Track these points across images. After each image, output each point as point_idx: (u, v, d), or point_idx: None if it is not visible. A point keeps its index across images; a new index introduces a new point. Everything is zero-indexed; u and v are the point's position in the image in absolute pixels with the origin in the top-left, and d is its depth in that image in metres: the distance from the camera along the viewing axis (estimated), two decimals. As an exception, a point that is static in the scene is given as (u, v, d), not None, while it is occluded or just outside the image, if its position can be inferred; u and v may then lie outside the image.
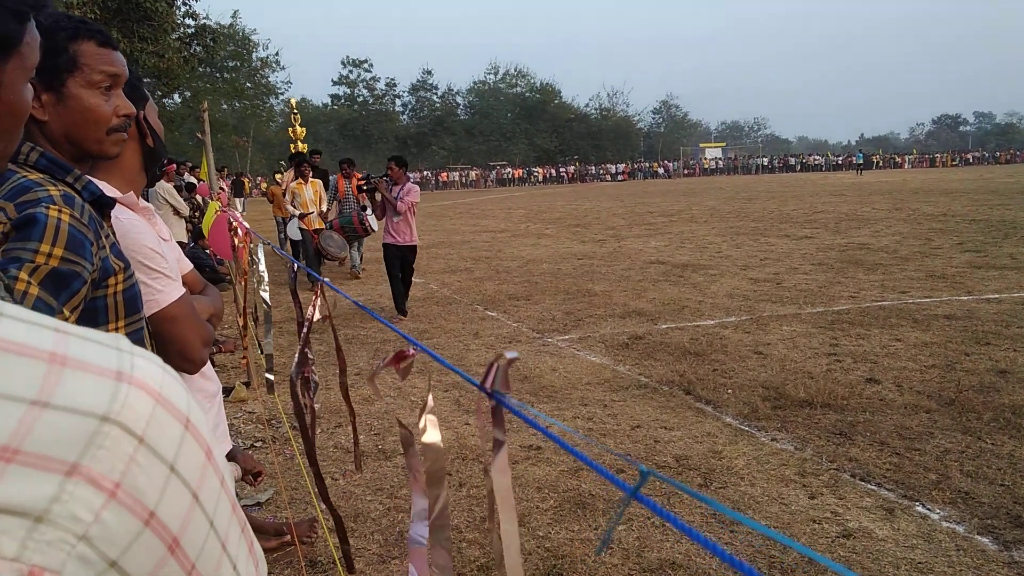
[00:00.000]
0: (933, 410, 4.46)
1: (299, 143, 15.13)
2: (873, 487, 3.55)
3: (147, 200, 1.80)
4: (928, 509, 3.32)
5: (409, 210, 7.95)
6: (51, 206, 1.13)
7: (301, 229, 10.23)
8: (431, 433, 1.01)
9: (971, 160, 77.25)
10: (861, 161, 62.10)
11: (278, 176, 13.68)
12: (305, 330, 1.98)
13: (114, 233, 1.34)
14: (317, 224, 10.11)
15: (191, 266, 2.01)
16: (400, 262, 7.92)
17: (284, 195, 10.92)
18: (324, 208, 10.48)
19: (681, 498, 3.53)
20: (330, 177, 11.78)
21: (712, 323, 6.97)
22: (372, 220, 9.81)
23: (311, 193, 10.27)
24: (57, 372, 0.39)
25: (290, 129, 15.67)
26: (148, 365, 0.44)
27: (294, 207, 10.20)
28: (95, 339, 0.43)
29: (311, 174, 10.47)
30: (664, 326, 6.95)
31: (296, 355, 2.10)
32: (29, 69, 0.84)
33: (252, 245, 5.13)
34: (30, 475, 0.36)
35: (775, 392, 4.89)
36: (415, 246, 8.10)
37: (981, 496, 3.39)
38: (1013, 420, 4.22)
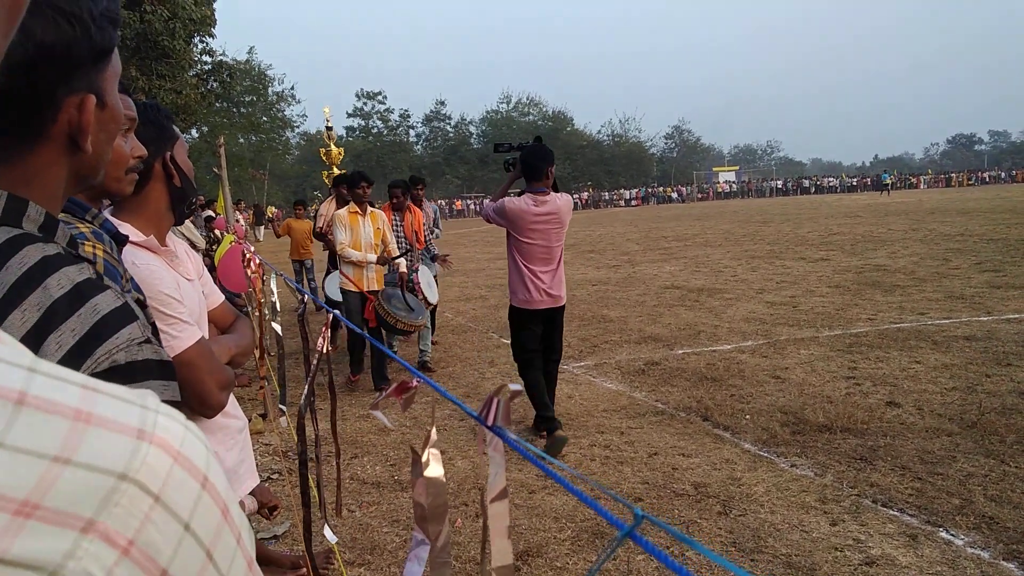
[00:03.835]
0: (955, 433, 4.39)
1: (335, 168, 11.96)
2: (895, 513, 3.49)
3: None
4: (952, 535, 3.26)
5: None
6: (85, 242, 1.17)
7: (347, 292, 6.43)
8: (434, 467, 1.01)
9: (987, 179, 76.73)
10: (887, 181, 61.67)
11: (313, 206, 10.49)
12: (315, 362, 2.00)
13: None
14: (375, 279, 6.46)
15: (222, 298, 2.03)
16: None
17: (317, 230, 8.37)
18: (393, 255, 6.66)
19: (700, 526, 3.49)
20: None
21: (729, 348, 6.93)
22: (428, 281, 6.92)
23: (370, 231, 6.35)
24: (81, 429, 0.39)
25: (323, 151, 12.53)
26: (170, 423, 0.44)
27: (345, 254, 6.30)
28: (121, 396, 0.43)
29: (366, 201, 6.55)
30: (680, 351, 6.92)
31: (305, 387, 2.11)
32: (119, 75, 0.90)
33: (265, 276, 5.18)
34: (48, 530, 0.36)
35: (794, 417, 4.85)
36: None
37: (1006, 521, 3.33)
38: (1037, 442, 4.15)
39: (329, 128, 12.55)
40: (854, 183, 76.94)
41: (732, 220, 29.31)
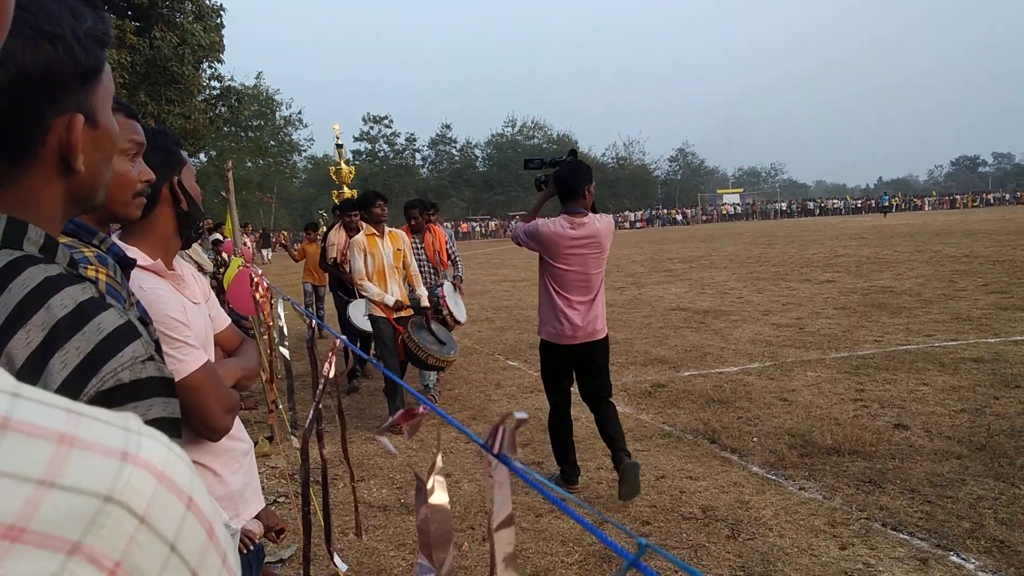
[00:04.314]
0: (964, 456, 4.36)
1: (346, 188, 10.97)
2: (905, 536, 3.46)
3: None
4: (963, 559, 3.23)
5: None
6: (88, 266, 1.19)
7: (378, 319, 5.92)
8: (439, 494, 1.01)
9: (991, 201, 76.66)
10: (886, 203, 62.04)
11: (321, 229, 9.42)
12: (321, 387, 2.01)
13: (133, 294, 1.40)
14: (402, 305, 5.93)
15: (228, 321, 2.04)
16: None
17: (330, 260, 7.61)
18: (418, 284, 6.18)
19: (708, 550, 3.47)
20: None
21: (735, 370, 6.91)
22: (455, 300, 6.77)
23: (390, 253, 5.90)
24: (65, 452, 0.39)
25: (333, 169, 11.40)
26: (153, 444, 0.44)
27: (365, 281, 5.82)
28: (105, 419, 0.43)
29: (383, 221, 6.03)
30: (687, 373, 6.90)
31: (311, 411, 2.12)
32: (112, 94, 0.90)
33: (273, 300, 5.20)
34: (35, 553, 0.36)
35: (801, 440, 4.82)
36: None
37: (1017, 544, 3.30)
38: (1048, 465, 4.13)
39: (339, 146, 11.82)
40: (858, 205, 76.99)
41: (737, 242, 29.32)
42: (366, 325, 6.30)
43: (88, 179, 0.87)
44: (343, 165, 11.40)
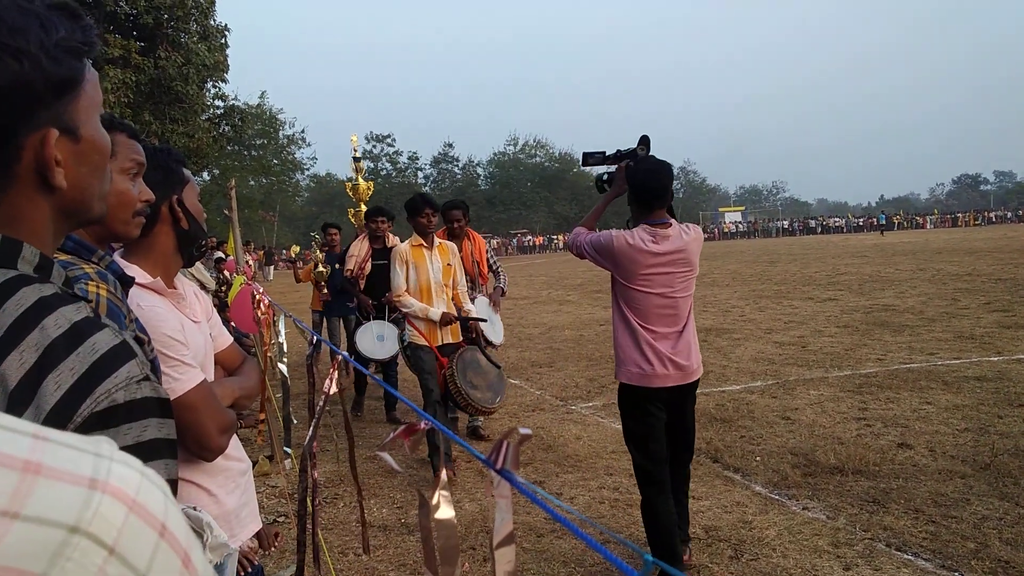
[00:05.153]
0: (968, 475, 4.34)
1: (363, 206, 9.36)
2: (910, 557, 3.44)
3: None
4: (969, 580, 3.20)
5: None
6: (89, 282, 1.19)
7: (418, 347, 4.99)
8: (444, 510, 1.01)
9: (993, 219, 76.79)
10: (883, 222, 62.41)
11: (316, 255, 8.45)
12: (321, 404, 2.00)
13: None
14: (450, 330, 5.11)
15: (230, 340, 2.04)
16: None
17: (347, 273, 6.67)
18: (465, 301, 5.34)
19: (712, 570, 3.45)
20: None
21: (738, 388, 6.89)
22: (489, 314, 5.92)
23: (438, 269, 5.11)
24: (30, 481, 0.38)
25: (348, 184, 9.86)
26: (125, 470, 0.42)
27: (404, 295, 5.02)
28: (73, 444, 0.42)
29: (431, 232, 5.20)
30: (689, 392, 6.87)
31: (311, 429, 2.12)
32: (98, 106, 0.88)
33: (275, 317, 5.20)
34: None
35: (805, 459, 4.80)
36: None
37: (1022, 565, 3.27)
38: (1053, 485, 4.10)
39: (357, 159, 9.97)
40: (860, 223, 77.10)
41: (739, 260, 29.34)
42: (374, 353, 5.82)
43: (76, 193, 0.85)
44: (360, 181, 9.55)
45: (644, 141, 3.56)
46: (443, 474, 1.02)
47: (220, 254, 12.91)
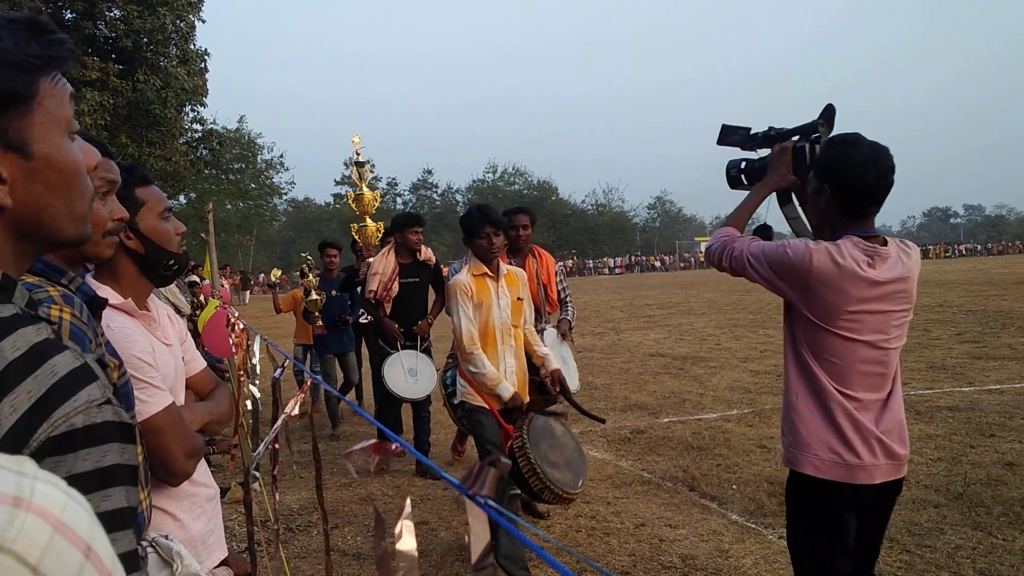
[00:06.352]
0: (942, 504, 4.37)
1: (369, 220, 8.14)
2: (885, 586, 3.44)
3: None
4: (943, 609, 3.21)
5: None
6: (52, 305, 1.17)
7: (477, 410, 3.82)
8: (407, 540, 0.99)
9: (963, 252, 78.33)
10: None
11: (310, 280, 7.55)
12: (278, 424, 1.98)
13: (102, 333, 1.38)
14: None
15: (204, 365, 2.01)
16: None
17: (368, 295, 5.75)
18: (537, 344, 4.10)
19: (688, 600, 3.42)
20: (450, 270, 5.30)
21: (714, 416, 6.91)
22: (563, 354, 4.77)
23: (507, 306, 3.86)
24: None
25: (350, 195, 8.54)
26: (50, 489, 0.42)
27: (478, 350, 3.73)
28: None
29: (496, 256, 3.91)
30: (666, 420, 6.89)
31: (260, 446, 2.09)
32: (62, 122, 0.83)
33: (249, 340, 5.14)
34: None
35: (780, 487, 4.79)
36: None
37: (997, 595, 3.29)
38: (1023, 514, 4.14)
39: (360, 164, 8.54)
40: (834, 254, 78.11)
41: (715, 289, 29.56)
42: (410, 391, 5.00)
43: (30, 213, 0.81)
44: (365, 190, 8.27)
45: (828, 113, 2.46)
46: (407, 502, 1.01)
47: (195, 278, 12.76)
